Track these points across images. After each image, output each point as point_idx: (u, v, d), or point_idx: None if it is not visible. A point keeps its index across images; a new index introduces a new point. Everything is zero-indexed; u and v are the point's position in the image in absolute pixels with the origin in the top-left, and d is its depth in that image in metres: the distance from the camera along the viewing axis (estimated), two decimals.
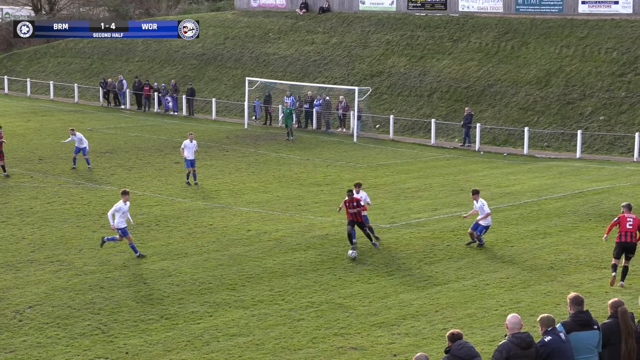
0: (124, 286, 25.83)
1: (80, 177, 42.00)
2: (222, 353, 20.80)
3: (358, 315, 23.55)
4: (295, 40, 71.46)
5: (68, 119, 62.25)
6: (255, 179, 42.57)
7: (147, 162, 46.32)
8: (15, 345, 21.30)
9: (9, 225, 32.74)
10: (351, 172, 44.73)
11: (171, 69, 74.45)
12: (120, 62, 78.43)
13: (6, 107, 69.10)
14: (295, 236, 31.53)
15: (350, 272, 27.34)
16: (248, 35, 74.63)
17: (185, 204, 36.53)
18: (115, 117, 65.96)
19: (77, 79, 77.88)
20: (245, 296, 25.04)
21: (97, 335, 21.98)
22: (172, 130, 58.46)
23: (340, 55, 67.35)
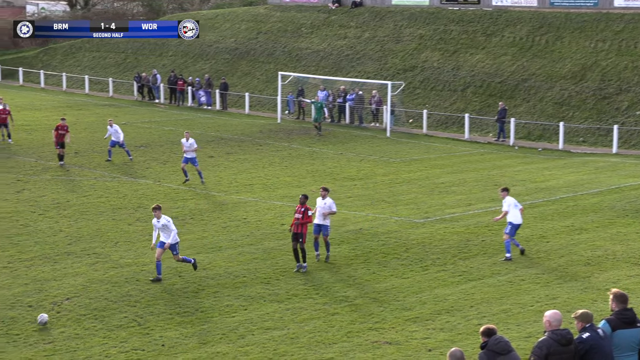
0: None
1: (116, 170, 42.21)
2: (256, 346, 20.81)
3: (392, 309, 23.48)
4: (327, 34, 71.39)
5: (103, 113, 62.59)
6: (289, 173, 42.57)
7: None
8: (54, 336, 21.44)
9: (47, 218, 32.98)
10: (384, 166, 44.63)
11: (205, 64, 74.62)
12: (154, 57, 78.71)
13: (42, 101, 69.60)
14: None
15: (384, 267, 27.26)
16: (280, 29, 74.64)
17: (219, 198, 36.60)
18: (149, 111, 66.23)
19: (111, 73, 78.27)
20: (279, 290, 25.04)
21: (134, 327, 22.08)
22: (206, 125, 58.61)
23: (373, 50, 67.20)
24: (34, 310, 23.00)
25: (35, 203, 35.37)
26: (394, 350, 20.55)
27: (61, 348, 20.70)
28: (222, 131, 55.86)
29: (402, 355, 20.10)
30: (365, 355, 20.31)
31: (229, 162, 45.25)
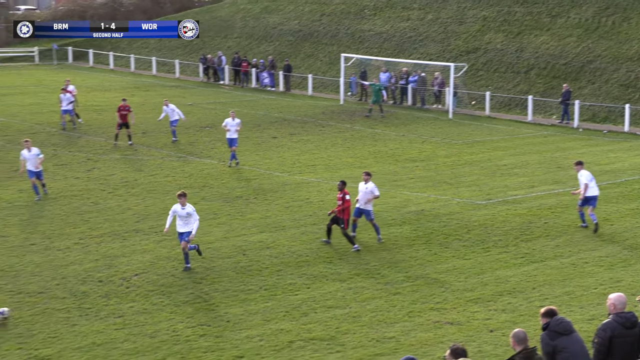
0: (224, 257, 26.19)
1: (182, 150, 42.59)
2: (319, 324, 20.95)
3: (454, 290, 23.46)
4: (390, 16, 71.08)
5: (169, 94, 62.98)
6: (351, 154, 42.58)
7: (246, 137, 46.62)
8: (123, 310, 21.85)
9: (116, 196, 33.46)
10: (446, 148, 44.43)
11: (268, 46, 74.80)
12: (219, 39, 79.06)
13: (112, 82, 70.44)
14: (390, 211, 31.48)
15: (446, 248, 27.23)
16: (344, 11, 74.48)
17: (282, 178, 36.74)
18: (214, 92, 66.62)
19: (178, 55, 78.83)
20: (341, 269, 25.14)
21: (199, 303, 22.38)
22: (269, 106, 58.80)
23: (436, 32, 66.78)
24: (104, 285, 23.46)
25: (105, 181, 35.89)
26: (456, 331, 20.56)
27: (130, 322, 21.07)
28: (286, 112, 56.01)
29: (464, 335, 20.09)
30: (427, 335, 20.35)
31: (292, 142, 45.39)
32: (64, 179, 36.12)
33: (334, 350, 19.47)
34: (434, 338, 20.14)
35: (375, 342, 19.93)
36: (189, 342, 19.93)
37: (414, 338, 20.16)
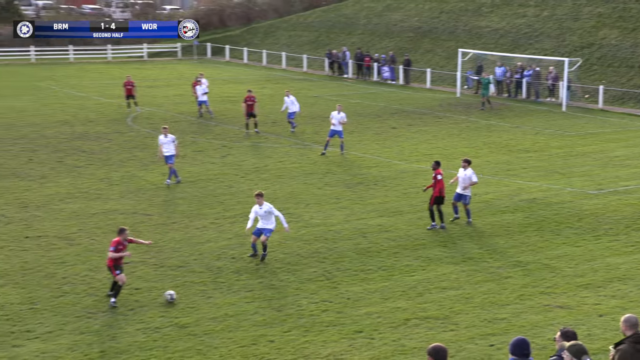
0: (345, 238, 26.26)
1: (307, 139, 42.84)
2: (433, 304, 20.85)
3: (564, 276, 23.01)
4: (507, 13, 69.95)
5: (297, 87, 63.54)
6: (466, 144, 42.12)
7: (367, 127, 46.68)
8: (253, 285, 22.19)
9: (247, 180, 33.91)
10: (559, 139, 43.52)
11: (389, 41, 74.57)
12: (344, 35, 79.23)
13: (245, 75, 71.36)
14: (503, 199, 31.10)
15: (557, 235, 26.71)
16: (462, 9, 73.66)
17: (400, 166, 36.61)
18: (338, 85, 66.79)
19: (306, 50, 79.29)
20: (455, 253, 24.96)
21: (322, 281, 22.50)
22: (390, 98, 58.64)
23: (551, 28, 65.39)
24: (236, 261, 23.83)
25: (238, 167, 36.39)
26: (565, 314, 20.19)
27: (259, 296, 21.37)
28: (405, 104, 55.78)
29: (573, 319, 19.70)
30: (537, 317, 20.05)
31: (411, 133, 45.18)
32: (201, 164, 36.80)
33: (448, 329, 19.35)
34: (544, 320, 19.84)
35: (487, 323, 19.74)
36: (313, 316, 20.09)
37: (525, 320, 19.90)
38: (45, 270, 23.12)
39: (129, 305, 20.70)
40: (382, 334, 19.02)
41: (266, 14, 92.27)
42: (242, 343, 18.57)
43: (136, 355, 17.95)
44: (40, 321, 19.67)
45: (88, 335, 18.90)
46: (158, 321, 19.69)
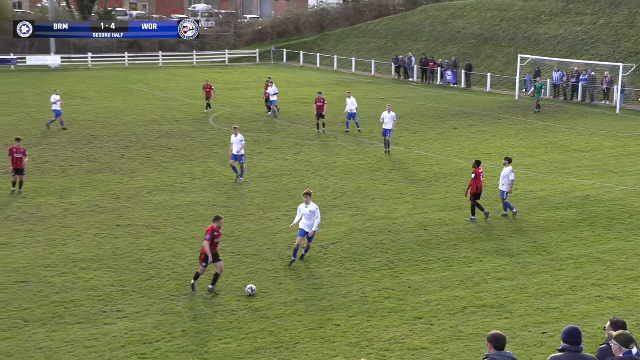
0: (407, 231, 26.16)
1: (374, 138, 42.65)
2: (490, 293, 20.70)
3: (615, 269, 22.63)
4: (565, 21, 68.82)
5: (365, 90, 63.53)
6: (523, 144, 41.60)
7: (430, 127, 46.42)
8: (321, 273, 22.27)
9: (317, 176, 33.97)
10: (612, 140, 42.70)
11: (453, 48, 73.97)
12: (410, 42, 78.84)
13: (317, 79, 71.47)
14: (558, 196, 30.64)
15: (609, 231, 26.25)
16: (522, 17, 72.70)
17: (461, 164, 36.29)
18: (403, 88, 66.48)
19: (374, 55, 79.13)
20: (511, 246, 24.71)
21: (385, 270, 22.48)
22: (452, 101, 58.18)
23: (607, 35, 64.13)
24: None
25: (309, 163, 36.49)
26: (615, 305, 19.88)
27: (327, 284, 21.44)
28: (466, 106, 55.29)
29: (623, 309, 19.39)
30: (588, 308, 19.78)
31: (471, 133, 44.78)
32: (275, 161, 36.99)
33: (503, 317, 19.20)
34: (594, 311, 19.57)
35: (540, 312, 19.54)
36: (376, 303, 20.09)
37: (576, 310, 19.64)
38: (133, 256, 23.54)
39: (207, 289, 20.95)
40: (441, 321, 18.95)
41: (338, 22, 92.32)
42: (311, 326, 18.67)
43: (214, 335, 18.17)
44: (129, 302, 20.04)
45: (171, 316, 19.19)
46: (234, 305, 19.89)
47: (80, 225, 26.63)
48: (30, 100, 55.58)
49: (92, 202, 29.49)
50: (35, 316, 19.15)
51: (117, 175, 33.90)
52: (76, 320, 18.94)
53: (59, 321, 18.86)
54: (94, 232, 25.83)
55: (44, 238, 25.19)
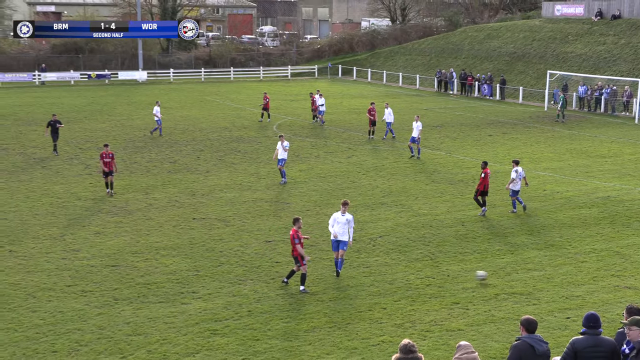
0: (447, 226, 25.98)
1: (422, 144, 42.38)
2: (519, 282, 20.50)
3: (632, 261, 22.22)
4: (589, 41, 67.64)
5: (411, 101, 63.24)
6: (551, 150, 41.00)
7: (467, 135, 46.00)
8: (370, 263, 22.24)
9: (367, 177, 33.89)
10: (632, 147, 41.88)
11: (489, 64, 73.17)
12: (451, 59, 78.17)
13: (368, 91, 71.22)
14: (582, 196, 30.15)
15: (628, 227, 25.78)
16: (551, 37, 71.60)
17: (495, 167, 35.80)
18: (444, 100, 65.94)
19: (419, 71, 78.67)
20: (539, 240, 24.40)
21: (427, 261, 22.36)
22: (487, 111, 57.56)
23: (627, 53, 62.87)
24: (356, 242, 23.76)
25: (360, 166, 36.44)
26: (633, 294, 19.55)
27: (374, 272, 21.41)
28: (500, 116, 54.66)
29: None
30: (608, 296, 19.48)
31: (504, 140, 44.28)
32: (330, 163, 37.01)
33: (531, 303, 18.98)
34: (614, 299, 19.26)
35: (565, 299, 19.27)
36: (418, 289, 20.01)
37: (597, 298, 19.35)
38: (207, 245, 23.78)
39: (270, 275, 21.07)
40: (476, 306, 18.80)
41: (387, 42, 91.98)
42: (360, 309, 18.67)
43: (276, 315, 18.27)
44: (202, 285, 20.26)
45: (238, 298, 19.35)
46: (294, 289, 19.96)
47: (162, 217, 27.01)
48: (121, 110, 56.51)
49: (172, 198, 29.88)
50: (123, 295, 19.49)
51: (193, 174, 34.28)
52: (158, 299, 19.23)
53: (143, 300, 19.17)
54: (173, 224, 26.16)
55: (131, 228, 25.61)
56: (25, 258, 22.41)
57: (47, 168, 35.41)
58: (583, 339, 10.85)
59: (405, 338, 16.24)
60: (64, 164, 36.31)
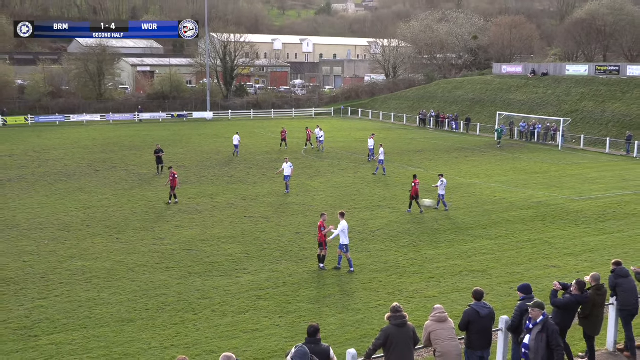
0: (425, 222, 25.70)
1: (407, 163, 42.17)
2: (477, 263, 20.40)
3: (557, 248, 21.98)
4: (526, 91, 67.12)
5: (400, 133, 62.90)
6: (499, 168, 40.65)
7: (440, 157, 45.70)
8: (370, 249, 22.11)
9: (368, 187, 33.62)
10: (556, 167, 41.48)
11: (455, 107, 72.77)
12: (428, 103, 77.81)
13: (369, 126, 70.87)
14: (521, 201, 29.87)
15: (553, 224, 25.46)
16: (499, 88, 71.09)
17: (459, 180, 35.61)
18: (424, 132, 65.43)
19: (405, 111, 78.26)
20: (491, 233, 24.16)
21: (411, 247, 22.11)
22: (454, 140, 57.13)
23: (553, 100, 62.32)
24: (360, 234, 23.63)
25: (363, 179, 36.24)
26: (557, 271, 19.31)
27: (374, 255, 21.20)
28: (463, 144, 54.28)
29: (561, 274, 18.77)
30: (540, 272, 19.31)
31: (466, 161, 43.96)
32: (342, 177, 36.86)
33: (485, 278, 18.78)
34: (543, 274, 19.05)
35: (509, 275, 19.08)
36: (404, 267, 19.82)
37: (532, 274, 19.12)
38: (253, 235, 23.77)
39: (299, 257, 20.99)
40: (446, 280, 18.64)
41: (383, 91, 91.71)
42: (363, 281, 18.52)
43: (302, 285, 18.19)
44: (250, 263, 20.25)
45: (276, 273, 19.31)
46: (315, 267, 19.81)
47: (222, 215, 27.07)
48: (195, 139, 56.78)
49: (229, 201, 29.94)
50: (195, 270, 19.54)
51: (245, 185, 34.34)
52: (219, 274, 19.25)
53: (208, 274, 19.20)
54: (230, 220, 26.21)
55: (201, 223, 25.69)
56: (127, 243, 22.58)
57: (143, 180, 35.65)
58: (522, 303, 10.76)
59: (394, 302, 16.25)
60: (154, 178, 36.53)
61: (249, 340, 14.29)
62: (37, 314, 15.88)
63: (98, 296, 17.21)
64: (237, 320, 15.49)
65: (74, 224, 25.33)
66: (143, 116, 76.10)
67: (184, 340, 14.31)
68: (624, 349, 12.84)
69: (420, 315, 15.69)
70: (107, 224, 25.29)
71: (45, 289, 17.71)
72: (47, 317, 15.64)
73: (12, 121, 70.02)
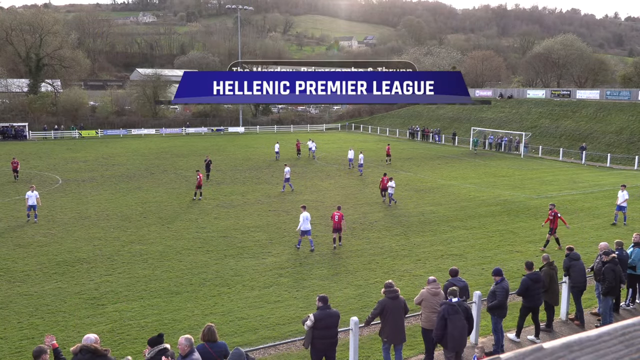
0: (414, 216, 25.34)
1: (400, 167, 41.89)
2: (455, 248, 20.12)
3: (520, 237, 21.55)
4: (495, 111, 66.52)
5: (392, 144, 62.21)
6: (473, 172, 40.20)
7: (425, 163, 45.35)
8: (369, 237, 21.77)
9: (369, 187, 33.15)
10: (519, 171, 40.98)
11: (438, 123, 72.18)
12: (416, 120, 77.15)
13: (369, 139, 70.54)
14: (491, 199, 29.50)
15: (517, 217, 25.10)
16: (473, 108, 70.59)
17: (440, 182, 35.27)
18: (413, 143, 64.83)
19: (398, 127, 77.75)
20: (467, 224, 23.81)
21: (402, 235, 21.67)
22: (437, 150, 56.60)
23: (516, 118, 61.74)
24: (360, 224, 23.42)
25: (362, 181, 35.77)
26: (520, 255, 18.77)
27: (372, 242, 20.93)
28: (445, 153, 53.80)
29: (524, 257, 18.41)
30: (506, 257, 18.91)
31: (447, 166, 43.54)
32: (347, 179, 36.42)
33: (461, 260, 18.40)
34: (509, 258, 18.72)
35: (481, 258, 18.70)
36: (397, 252, 19.55)
37: (500, 257, 18.80)
38: (277, 225, 23.63)
39: (313, 243, 20.89)
40: (430, 262, 18.42)
41: (380, 110, 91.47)
42: (363, 262, 18.35)
43: (314, 265, 18.04)
44: (274, 248, 20.13)
45: (294, 256, 19.18)
46: (325, 251, 19.64)
47: (251, 209, 26.99)
48: (229, 149, 56.75)
49: (257, 198, 29.83)
50: (229, 253, 19.49)
51: (269, 185, 34.19)
52: (249, 255, 19.20)
53: (240, 256, 19.15)
54: (258, 213, 26.10)
55: (234, 215, 25.64)
56: (175, 231, 22.60)
57: (188, 181, 35.73)
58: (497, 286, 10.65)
59: (388, 279, 16.08)
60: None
61: (272, 309, 14.25)
62: (104, 287, 15.95)
63: (152, 273, 17.24)
64: (263, 293, 15.40)
65: (133, 215, 25.43)
66: (189, 130, 76.45)
67: (220, 309, 14.29)
68: (574, 318, 12.66)
69: (410, 291, 15.53)
70: (160, 216, 25.35)
71: (110, 267, 17.79)
72: (112, 290, 15.70)
73: (86, 134, 70.75)
